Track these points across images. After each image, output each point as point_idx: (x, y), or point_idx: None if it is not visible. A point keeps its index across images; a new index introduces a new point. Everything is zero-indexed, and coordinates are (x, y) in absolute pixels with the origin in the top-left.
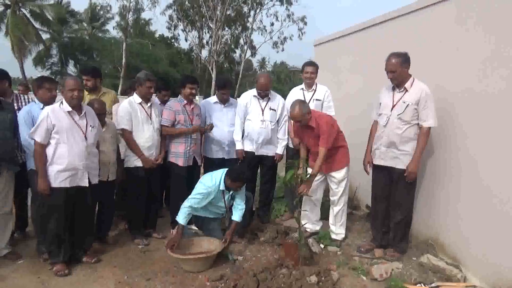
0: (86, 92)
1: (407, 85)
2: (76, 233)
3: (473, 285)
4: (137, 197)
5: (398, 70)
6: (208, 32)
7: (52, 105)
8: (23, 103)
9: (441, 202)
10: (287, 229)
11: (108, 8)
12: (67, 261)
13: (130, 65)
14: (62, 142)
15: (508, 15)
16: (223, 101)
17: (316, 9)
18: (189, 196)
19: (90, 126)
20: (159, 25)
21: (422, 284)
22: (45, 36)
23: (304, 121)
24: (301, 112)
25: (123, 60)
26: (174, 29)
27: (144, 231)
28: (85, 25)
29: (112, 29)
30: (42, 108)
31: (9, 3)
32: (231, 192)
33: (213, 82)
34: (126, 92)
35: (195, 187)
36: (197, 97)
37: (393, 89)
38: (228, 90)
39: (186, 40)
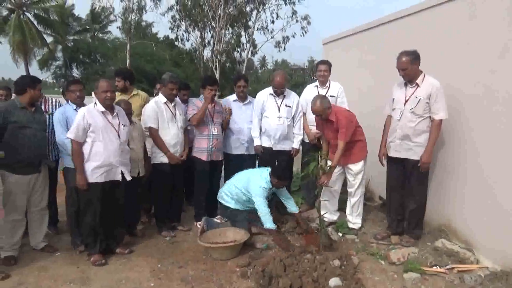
0: (118, 93)
1: (418, 80)
2: (109, 226)
3: (485, 267)
4: (163, 191)
5: (409, 68)
6: (210, 31)
7: (87, 106)
8: (50, 106)
9: (452, 190)
10: (305, 220)
11: (111, 10)
12: (103, 252)
13: (134, 67)
14: (98, 140)
15: None
16: (242, 97)
17: (311, 8)
18: (257, 204)
19: (122, 124)
20: (162, 27)
21: (437, 266)
22: (49, 39)
23: (324, 115)
24: (322, 107)
25: (128, 62)
26: (177, 30)
27: (170, 224)
28: (88, 27)
29: (116, 29)
30: (75, 109)
31: (13, 7)
32: (273, 189)
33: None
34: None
35: (253, 193)
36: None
37: (405, 84)
38: (244, 82)
39: (187, 40)
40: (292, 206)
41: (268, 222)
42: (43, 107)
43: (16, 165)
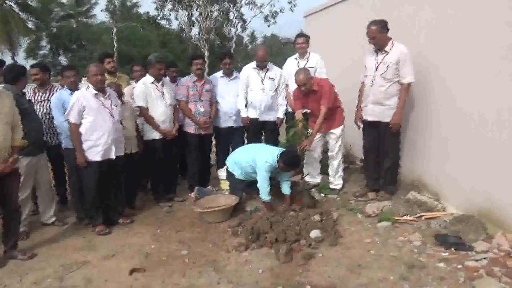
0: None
1: (387, 47)
2: (110, 199)
3: (450, 213)
4: (156, 165)
5: (378, 36)
6: (197, 9)
7: (80, 89)
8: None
9: (422, 148)
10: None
11: None
12: (106, 223)
13: (120, 50)
14: (93, 120)
15: None
16: (228, 74)
17: None
18: (259, 177)
19: (114, 105)
20: (147, 7)
21: (407, 215)
22: (33, 27)
23: (308, 85)
24: (306, 77)
25: (115, 45)
26: (162, 10)
27: (166, 196)
28: (71, 12)
29: (100, 12)
30: (70, 94)
31: None
32: (277, 169)
33: (206, 60)
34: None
35: (259, 166)
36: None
37: (376, 52)
38: (229, 59)
39: (176, 18)
40: (285, 188)
41: (264, 194)
42: (47, 94)
43: (27, 148)
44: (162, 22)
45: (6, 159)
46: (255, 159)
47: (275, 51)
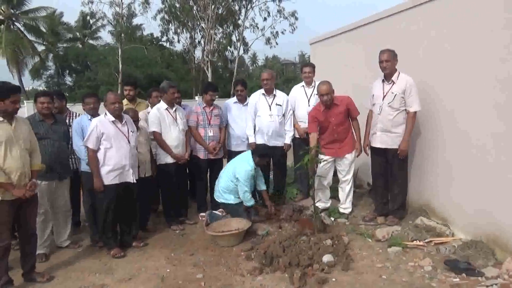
0: (125, 102)
1: (394, 77)
2: (125, 222)
3: (459, 238)
4: (168, 189)
5: (391, 61)
6: (200, 32)
7: (98, 116)
8: (73, 119)
9: (430, 174)
10: (301, 207)
11: (103, 16)
12: (120, 246)
13: (125, 72)
14: (110, 146)
15: None
16: (241, 100)
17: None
18: (241, 189)
19: (131, 131)
20: (152, 29)
21: (417, 240)
22: (40, 48)
23: (331, 95)
24: (329, 87)
25: (120, 67)
26: (167, 33)
27: (178, 218)
28: (78, 34)
29: (107, 34)
30: (90, 119)
31: (2, 18)
32: (257, 168)
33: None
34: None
35: (240, 177)
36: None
37: (383, 81)
38: (241, 87)
39: (178, 41)
40: (261, 185)
41: (248, 201)
42: (68, 120)
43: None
44: (166, 44)
45: (26, 183)
46: (235, 174)
47: (276, 72)
